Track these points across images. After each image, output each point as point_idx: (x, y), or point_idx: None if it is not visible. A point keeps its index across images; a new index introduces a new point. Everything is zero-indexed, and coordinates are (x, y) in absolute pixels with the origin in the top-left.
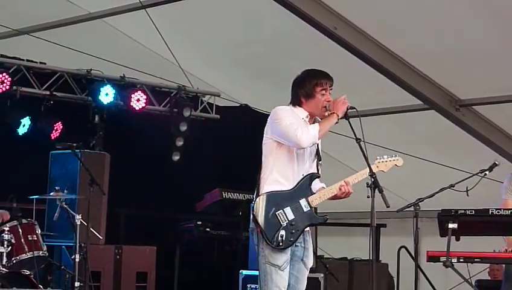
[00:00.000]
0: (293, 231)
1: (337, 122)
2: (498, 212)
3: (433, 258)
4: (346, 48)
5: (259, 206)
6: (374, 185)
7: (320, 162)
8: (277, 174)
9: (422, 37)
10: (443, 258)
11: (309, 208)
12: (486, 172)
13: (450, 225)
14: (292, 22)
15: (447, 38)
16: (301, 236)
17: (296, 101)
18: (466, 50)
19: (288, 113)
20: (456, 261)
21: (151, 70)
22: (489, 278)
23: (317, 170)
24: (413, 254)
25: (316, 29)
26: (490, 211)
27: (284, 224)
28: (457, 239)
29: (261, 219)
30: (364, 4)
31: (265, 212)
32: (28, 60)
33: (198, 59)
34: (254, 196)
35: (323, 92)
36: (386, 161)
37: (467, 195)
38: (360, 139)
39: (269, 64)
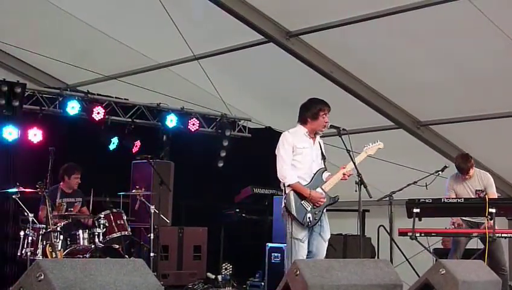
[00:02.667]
0: (316, 213)
1: (306, 197)
2: (448, 200)
3: (402, 233)
4: (339, 86)
5: (290, 199)
6: (361, 182)
7: (325, 159)
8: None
9: (392, 75)
10: (410, 233)
11: (324, 194)
12: (440, 172)
13: (415, 210)
14: (302, 68)
15: (411, 76)
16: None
17: (303, 121)
18: (425, 84)
19: (284, 144)
20: (419, 235)
21: (202, 103)
22: (442, 247)
23: (324, 165)
24: (388, 230)
25: (318, 72)
26: (442, 200)
27: (309, 209)
28: (420, 220)
29: (292, 208)
30: (351, 54)
31: (294, 202)
32: (116, 97)
33: (235, 94)
34: (283, 191)
35: (324, 115)
36: (372, 147)
37: (426, 189)
38: (349, 150)
39: (285, 97)
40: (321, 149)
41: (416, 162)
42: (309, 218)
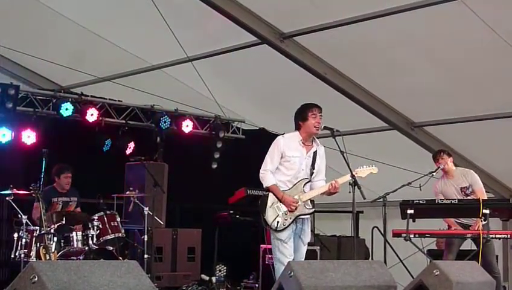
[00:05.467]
0: (287, 219)
1: (279, 201)
2: (442, 201)
3: (396, 234)
4: (333, 87)
5: (265, 200)
6: (355, 183)
7: (314, 170)
8: (279, 179)
9: (386, 76)
10: (404, 235)
11: (299, 202)
12: (433, 173)
13: (408, 211)
14: (296, 70)
15: (404, 77)
16: (300, 220)
17: (296, 126)
18: (419, 85)
19: (274, 149)
20: (413, 236)
21: (196, 105)
22: (436, 248)
23: (311, 176)
24: (382, 232)
25: (312, 74)
26: (436, 201)
27: (280, 213)
28: (414, 221)
29: (263, 209)
30: (345, 56)
31: (269, 204)
32: (109, 99)
33: (229, 95)
34: (262, 194)
35: (314, 115)
36: (364, 170)
37: (420, 190)
38: (343, 151)
39: (279, 99)
40: (314, 160)
41: (410, 163)
42: (277, 222)
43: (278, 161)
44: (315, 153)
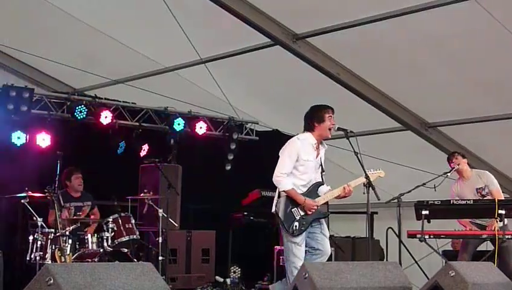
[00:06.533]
0: (304, 223)
1: (299, 205)
2: (457, 202)
3: (411, 235)
4: (346, 88)
5: (280, 205)
6: (369, 184)
7: (323, 173)
8: (293, 182)
9: (399, 77)
10: (419, 235)
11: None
12: (448, 174)
13: (423, 212)
14: (309, 71)
15: (418, 78)
16: (317, 221)
17: (310, 128)
18: (433, 85)
19: (292, 151)
20: (428, 237)
21: (209, 106)
22: (452, 249)
23: (321, 178)
24: (397, 233)
25: (325, 75)
26: (451, 201)
27: (297, 218)
28: (429, 222)
29: (281, 214)
30: (358, 56)
31: (284, 208)
32: (123, 101)
33: (243, 97)
34: (276, 198)
35: (330, 117)
36: (372, 174)
37: (435, 190)
38: (357, 152)
39: (293, 100)
40: (321, 162)
41: (424, 164)
42: (296, 226)
43: (294, 163)
44: (320, 157)
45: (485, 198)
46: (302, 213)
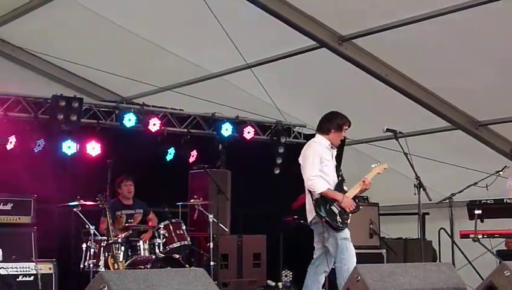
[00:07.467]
0: (345, 216)
1: (335, 201)
2: (510, 201)
3: (464, 235)
4: (394, 88)
5: (320, 205)
6: (419, 185)
7: (341, 172)
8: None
9: (448, 76)
10: (472, 235)
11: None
12: (500, 172)
13: (476, 211)
14: (355, 72)
15: (467, 76)
16: None
17: (325, 131)
18: (480, 85)
19: (315, 154)
20: (481, 237)
21: (257, 111)
22: (506, 249)
23: (342, 177)
24: (449, 233)
25: (372, 76)
26: (505, 200)
27: (337, 213)
28: (482, 221)
29: (323, 213)
30: (405, 56)
31: (323, 207)
32: (171, 108)
33: (289, 100)
34: (310, 203)
35: (346, 130)
36: (375, 166)
37: (487, 189)
38: (407, 153)
39: (339, 102)
40: (335, 158)
41: (475, 163)
42: (339, 221)
43: (319, 166)
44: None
45: None
46: (340, 209)
